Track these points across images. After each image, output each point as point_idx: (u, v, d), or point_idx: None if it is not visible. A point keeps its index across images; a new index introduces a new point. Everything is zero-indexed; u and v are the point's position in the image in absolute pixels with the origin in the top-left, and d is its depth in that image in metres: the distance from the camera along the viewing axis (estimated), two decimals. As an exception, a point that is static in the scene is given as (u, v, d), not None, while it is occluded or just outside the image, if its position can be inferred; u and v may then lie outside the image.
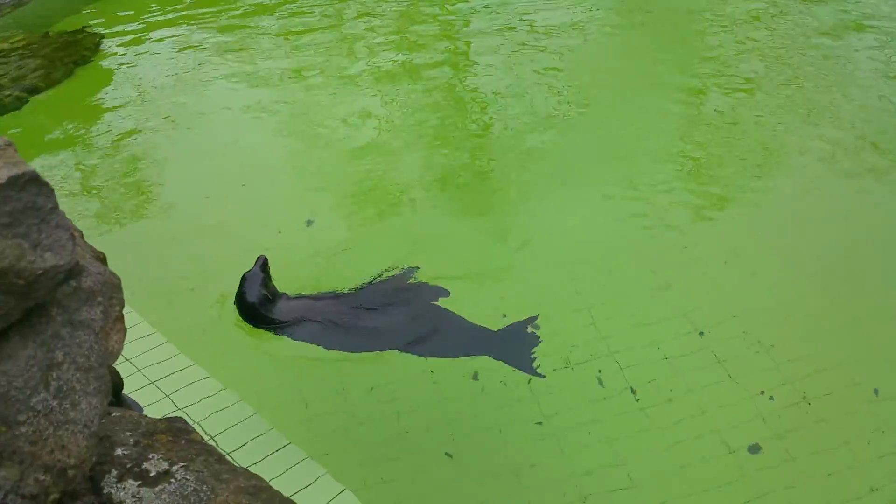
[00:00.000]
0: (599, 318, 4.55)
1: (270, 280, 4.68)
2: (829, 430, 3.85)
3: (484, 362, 4.29)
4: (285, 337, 4.46)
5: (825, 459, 3.71)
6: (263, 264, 4.67)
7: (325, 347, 4.40)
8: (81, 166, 6.39)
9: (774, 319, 4.53)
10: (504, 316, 4.59)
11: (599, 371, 4.20)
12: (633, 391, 4.08)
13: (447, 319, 4.58)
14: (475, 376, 4.21)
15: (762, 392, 4.05)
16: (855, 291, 4.75)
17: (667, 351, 4.32)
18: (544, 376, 4.16)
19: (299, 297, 4.74)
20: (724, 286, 4.78)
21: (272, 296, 4.61)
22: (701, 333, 4.42)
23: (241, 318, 4.57)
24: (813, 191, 5.74)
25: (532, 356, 4.29)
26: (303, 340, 4.45)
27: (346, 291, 4.79)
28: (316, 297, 4.72)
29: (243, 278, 4.62)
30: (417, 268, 4.92)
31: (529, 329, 4.47)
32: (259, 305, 4.53)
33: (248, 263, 4.79)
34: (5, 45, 8.56)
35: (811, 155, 6.15)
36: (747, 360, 4.25)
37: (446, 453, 3.78)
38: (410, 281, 4.85)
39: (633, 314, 4.58)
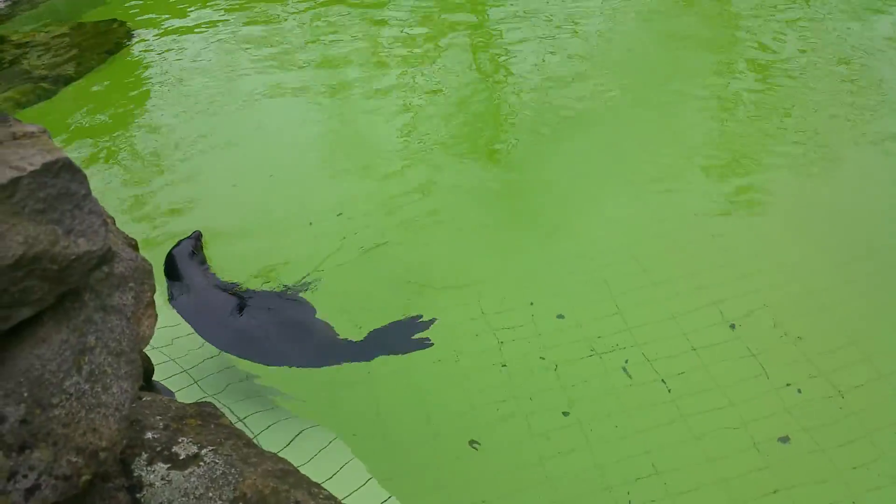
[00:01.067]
0: (626, 308, 4.52)
1: (201, 250, 4.98)
2: (858, 423, 3.80)
3: (511, 351, 4.29)
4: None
5: (852, 451, 3.66)
6: (197, 238, 5.10)
7: (195, 330, 4.41)
8: (112, 154, 6.47)
9: (804, 311, 4.47)
10: (531, 304, 4.59)
11: (626, 361, 4.18)
12: (663, 382, 4.05)
13: (312, 330, 4.46)
14: (503, 365, 4.21)
15: (789, 384, 4.01)
16: (886, 283, 4.67)
17: (695, 342, 4.28)
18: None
19: (214, 278, 4.82)
20: (754, 277, 4.72)
21: (197, 262, 4.89)
22: (732, 326, 4.38)
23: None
24: (844, 180, 5.64)
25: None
26: (181, 314, 4.55)
27: (256, 290, 4.75)
28: (221, 286, 4.75)
29: (177, 242, 5.05)
30: (316, 280, 4.82)
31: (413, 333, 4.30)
32: (178, 259, 4.86)
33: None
34: (39, 35, 8.69)
35: (845, 144, 6.04)
36: (776, 352, 4.20)
37: (472, 444, 3.78)
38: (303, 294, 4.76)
39: (661, 304, 4.54)
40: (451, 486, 3.63)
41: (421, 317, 4.38)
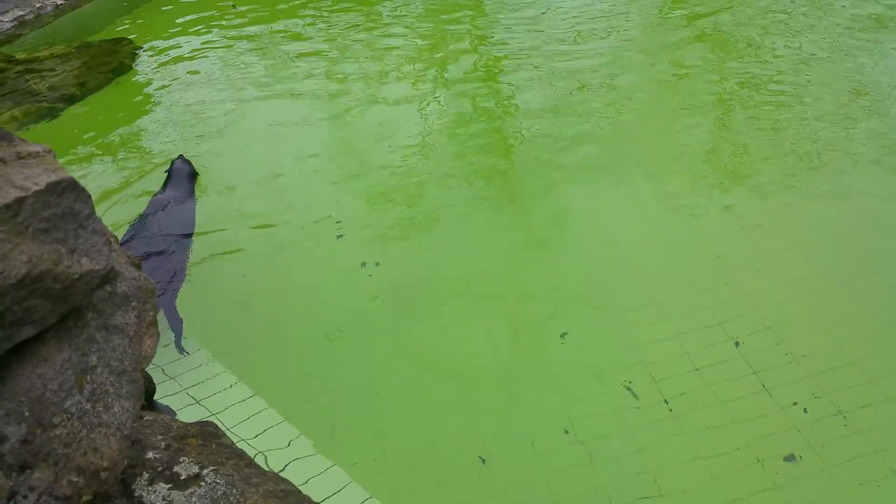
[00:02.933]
0: (630, 326, 4.51)
1: (194, 170, 6.27)
2: (864, 441, 3.78)
3: (514, 371, 4.27)
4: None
5: (858, 469, 3.64)
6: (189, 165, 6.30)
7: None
8: (116, 173, 6.50)
9: (808, 329, 4.46)
10: (534, 321, 4.57)
11: (630, 381, 4.16)
12: (665, 402, 4.03)
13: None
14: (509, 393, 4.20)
15: (795, 403, 3.99)
16: (890, 302, 4.66)
17: (699, 361, 4.27)
18: None
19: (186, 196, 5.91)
20: (757, 296, 4.71)
21: (189, 181, 6.12)
22: (736, 343, 4.37)
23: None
24: (849, 199, 5.63)
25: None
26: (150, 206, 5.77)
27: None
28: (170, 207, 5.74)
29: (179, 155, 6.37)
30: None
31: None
32: (178, 167, 6.15)
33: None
34: (45, 54, 8.75)
35: (849, 162, 6.04)
36: (780, 371, 4.19)
37: (480, 457, 3.77)
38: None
39: (665, 323, 4.53)
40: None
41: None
